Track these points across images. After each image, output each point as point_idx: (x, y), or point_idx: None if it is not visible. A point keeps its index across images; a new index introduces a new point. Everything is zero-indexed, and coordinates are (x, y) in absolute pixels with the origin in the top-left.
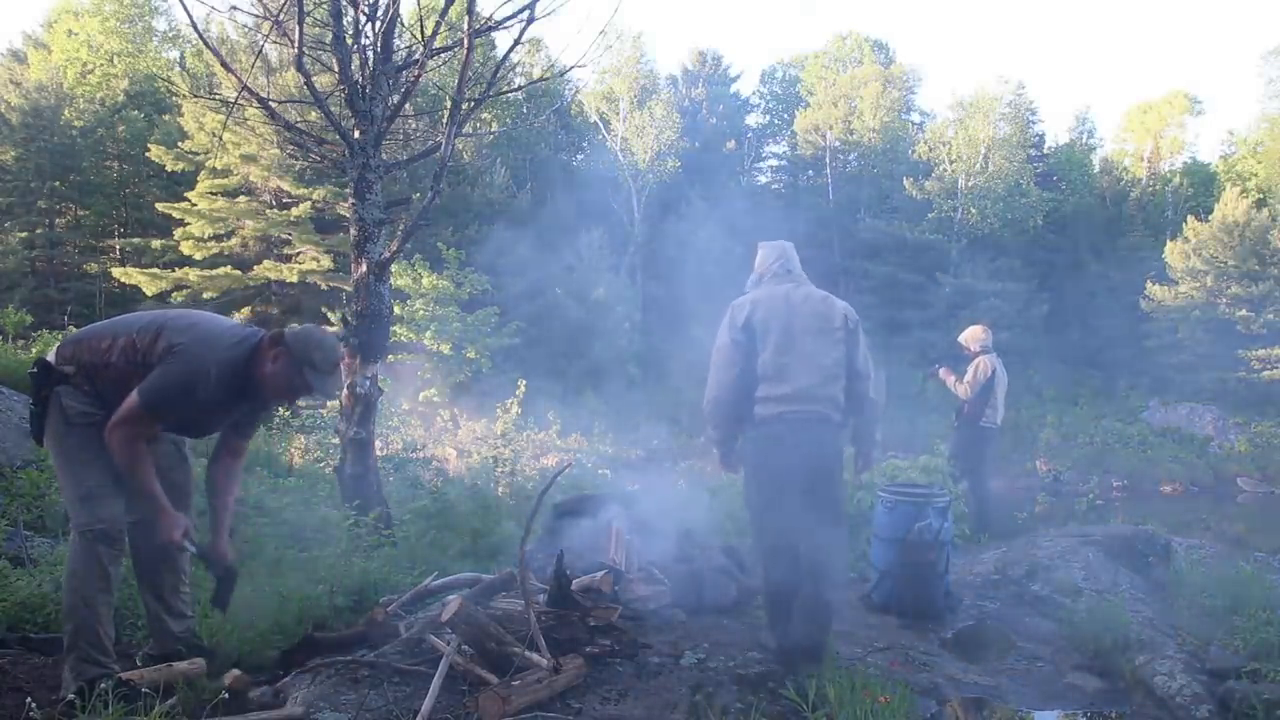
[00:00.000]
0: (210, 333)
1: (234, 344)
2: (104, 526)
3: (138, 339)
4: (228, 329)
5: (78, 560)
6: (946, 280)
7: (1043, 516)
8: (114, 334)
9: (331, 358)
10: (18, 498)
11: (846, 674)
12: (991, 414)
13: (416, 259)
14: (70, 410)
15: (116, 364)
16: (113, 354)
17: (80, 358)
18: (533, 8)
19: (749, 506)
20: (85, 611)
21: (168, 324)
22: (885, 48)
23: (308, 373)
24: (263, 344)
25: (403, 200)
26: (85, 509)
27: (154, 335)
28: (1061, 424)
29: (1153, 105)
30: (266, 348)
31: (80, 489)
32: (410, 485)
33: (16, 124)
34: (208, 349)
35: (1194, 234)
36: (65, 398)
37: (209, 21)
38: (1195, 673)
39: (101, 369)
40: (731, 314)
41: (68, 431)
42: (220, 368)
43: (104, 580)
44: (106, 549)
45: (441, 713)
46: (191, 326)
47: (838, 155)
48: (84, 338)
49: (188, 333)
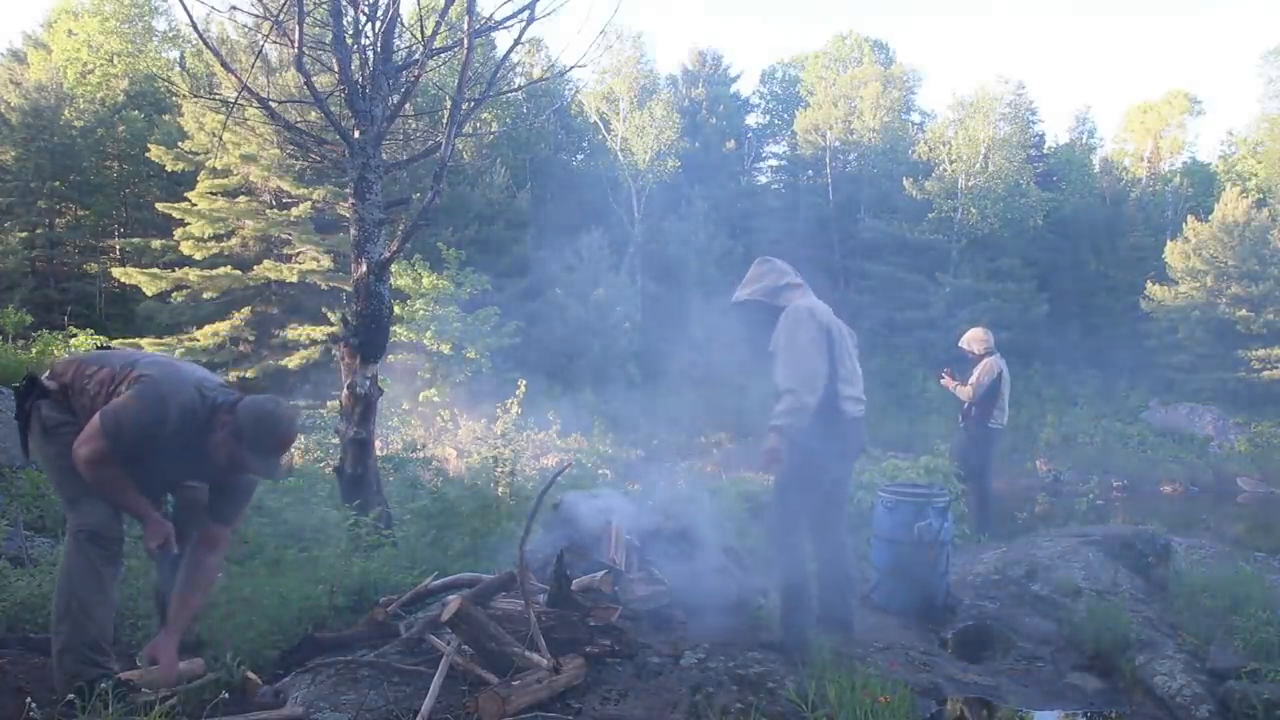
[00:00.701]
0: (182, 375)
1: (201, 394)
2: (92, 527)
3: (118, 372)
4: (202, 378)
5: (70, 561)
6: (946, 280)
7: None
8: (101, 364)
9: (273, 441)
10: (18, 498)
11: (846, 674)
12: (999, 415)
13: (416, 259)
14: (49, 420)
15: (91, 391)
16: (92, 381)
17: (66, 377)
18: (533, 8)
19: (792, 493)
20: (80, 614)
21: (145, 359)
22: (885, 48)
23: (245, 448)
24: (222, 406)
25: (403, 200)
26: (75, 512)
27: (130, 370)
28: (1061, 424)
29: (1153, 105)
30: (224, 411)
31: (64, 492)
32: (410, 485)
33: (16, 124)
34: (173, 388)
35: (1194, 234)
36: (45, 409)
37: (209, 21)
38: (1195, 673)
39: (80, 393)
40: (810, 314)
41: (49, 440)
42: (182, 411)
43: (96, 580)
44: (98, 550)
45: (441, 713)
46: (167, 365)
47: (838, 155)
48: (78, 359)
49: (160, 368)
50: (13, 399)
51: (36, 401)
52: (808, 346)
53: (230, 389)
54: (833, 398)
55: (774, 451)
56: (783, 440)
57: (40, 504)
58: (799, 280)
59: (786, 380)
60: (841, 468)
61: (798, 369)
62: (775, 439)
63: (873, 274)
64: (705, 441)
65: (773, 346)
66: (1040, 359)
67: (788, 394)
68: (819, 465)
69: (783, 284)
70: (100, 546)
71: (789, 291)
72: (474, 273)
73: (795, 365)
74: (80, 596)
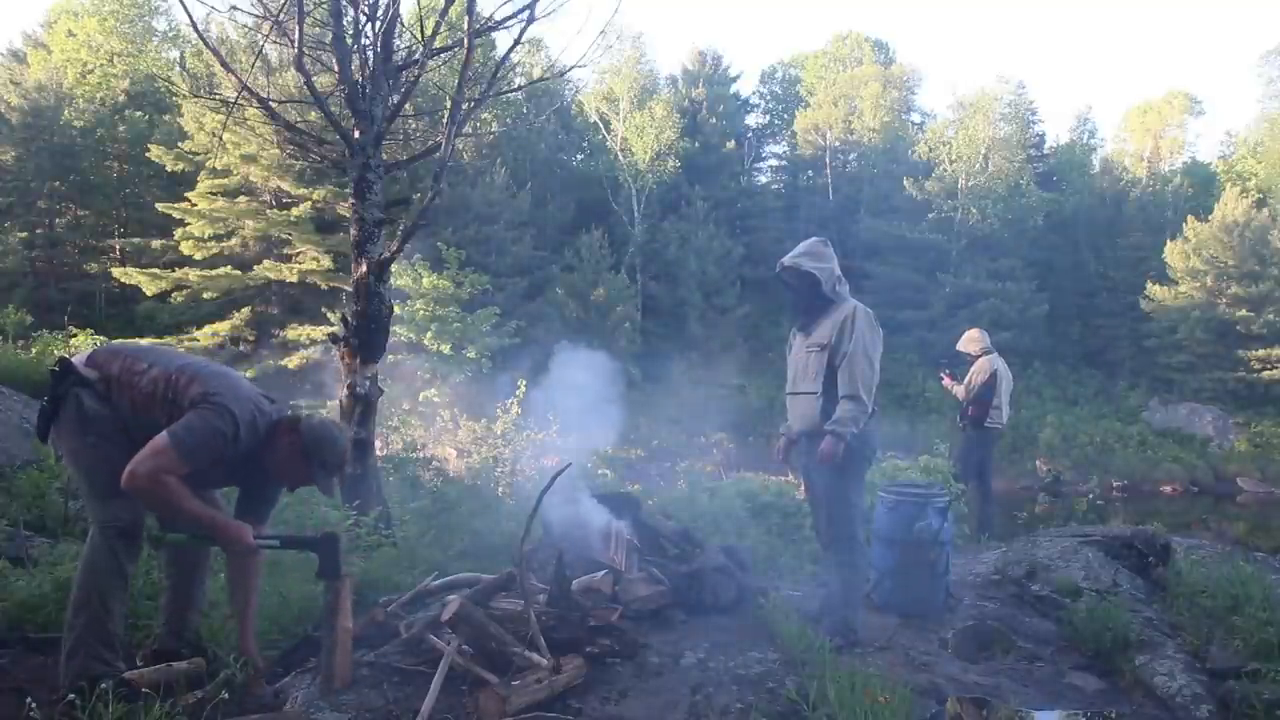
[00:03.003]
0: (244, 394)
1: (260, 412)
2: (123, 523)
3: (174, 375)
4: (255, 395)
5: (96, 555)
6: (946, 280)
7: (1043, 516)
8: (151, 361)
9: (340, 460)
10: (18, 498)
11: (846, 674)
12: (997, 415)
13: (416, 259)
14: (90, 410)
15: (144, 389)
16: (144, 378)
17: (110, 370)
18: (533, 8)
19: (852, 491)
20: (99, 608)
21: (203, 372)
22: (885, 48)
23: (315, 467)
24: (281, 424)
25: (403, 200)
26: (104, 506)
27: (190, 378)
28: (1061, 424)
29: (1153, 105)
30: (284, 430)
31: (98, 486)
32: (410, 485)
33: (16, 124)
34: (240, 408)
35: (1194, 234)
36: (86, 399)
37: (209, 21)
38: (1195, 673)
39: (129, 388)
40: (873, 318)
41: (85, 430)
42: (247, 428)
43: (120, 577)
44: (125, 545)
45: (441, 713)
46: (230, 380)
47: (838, 155)
48: (122, 352)
49: (224, 386)
50: (13, 399)
51: (75, 389)
52: (877, 359)
53: (275, 403)
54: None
55: (832, 455)
56: (840, 445)
57: (40, 504)
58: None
59: (854, 387)
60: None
61: (868, 379)
62: (836, 444)
63: (873, 274)
64: (705, 441)
65: (831, 341)
66: (1040, 359)
67: (854, 401)
68: (869, 461)
69: (839, 273)
70: (129, 542)
71: (842, 286)
72: (474, 273)
73: (868, 375)
74: (102, 590)
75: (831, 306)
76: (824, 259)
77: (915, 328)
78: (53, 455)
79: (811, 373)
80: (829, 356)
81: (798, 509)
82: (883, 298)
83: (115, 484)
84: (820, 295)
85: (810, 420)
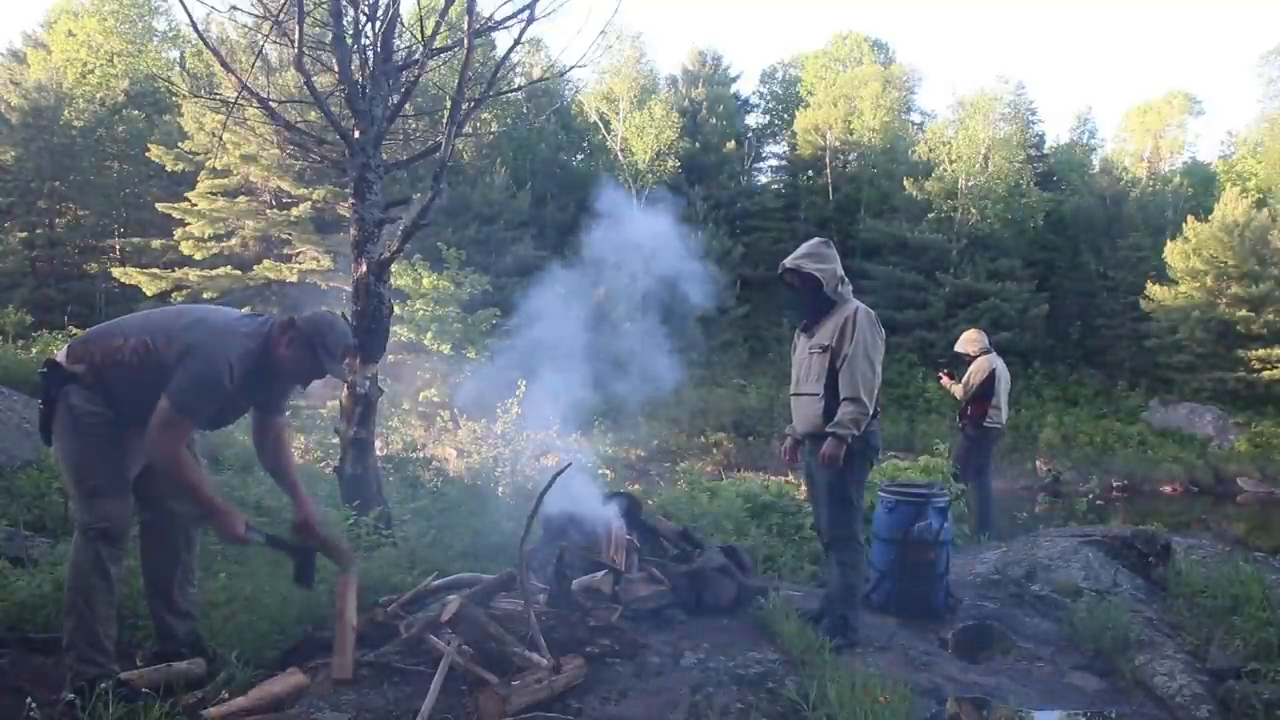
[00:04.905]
0: (222, 326)
1: (247, 335)
2: (107, 525)
3: (150, 340)
4: (236, 320)
5: (80, 557)
6: (946, 280)
7: (1043, 516)
8: (124, 334)
9: (343, 342)
10: (18, 498)
11: (846, 674)
12: (995, 414)
13: (416, 259)
14: (78, 409)
15: (129, 363)
16: (124, 353)
17: (91, 357)
18: (533, 8)
19: (853, 491)
20: (85, 609)
21: (178, 323)
22: (885, 48)
23: (321, 355)
24: (274, 330)
25: (403, 200)
26: (88, 507)
27: (166, 336)
28: (1061, 424)
29: (1152, 105)
30: (279, 334)
31: (84, 486)
32: (410, 485)
33: (16, 124)
34: (223, 343)
35: (1194, 234)
36: (74, 396)
37: (209, 21)
38: (1195, 673)
39: (112, 368)
40: (875, 319)
41: (75, 429)
42: (240, 359)
43: (104, 579)
44: (108, 548)
45: (441, 713)
46: (201, 322)
47: (838, 155)
48: (94, 337)
49: (200, 329)
50: (13, 399)
51: (65, 388)
52: (877, 347)
53: (258, 314)
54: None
55: (833, 457)
56: (841, 447)
57: (40, 504)
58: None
59: (855, 389)
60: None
61: (868, 381)
62: (837, 446)
63: (873, 274)
64: (705, 441)
65: (832, 343)
66: (1040, 359)
67: (855, 404)
68: (870, 462)
69: (842, 274)
70: (112, 544)
71: (845, 286)
72: (474, 273)
73: (869, 376)
74: (87, 593)
75: (834, 308)
76: (826, 260)
77: (915, 328)
78: (52, 455)
79: (814, 374)
80: (831, 358)
81: (798, 509)
82: (883, 298)
83: (100, 486)
84: (822, 297)
85: (813, 422)
